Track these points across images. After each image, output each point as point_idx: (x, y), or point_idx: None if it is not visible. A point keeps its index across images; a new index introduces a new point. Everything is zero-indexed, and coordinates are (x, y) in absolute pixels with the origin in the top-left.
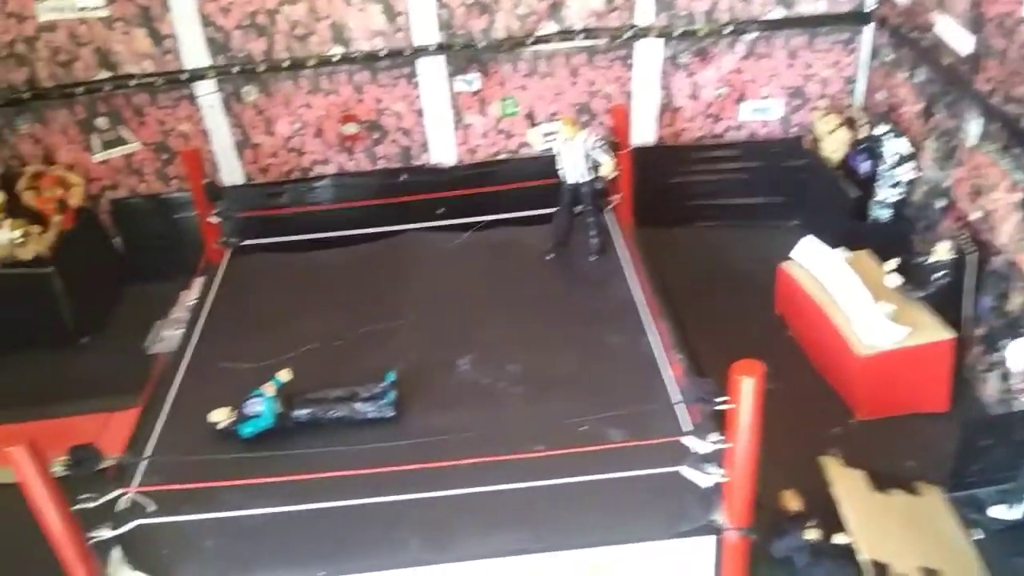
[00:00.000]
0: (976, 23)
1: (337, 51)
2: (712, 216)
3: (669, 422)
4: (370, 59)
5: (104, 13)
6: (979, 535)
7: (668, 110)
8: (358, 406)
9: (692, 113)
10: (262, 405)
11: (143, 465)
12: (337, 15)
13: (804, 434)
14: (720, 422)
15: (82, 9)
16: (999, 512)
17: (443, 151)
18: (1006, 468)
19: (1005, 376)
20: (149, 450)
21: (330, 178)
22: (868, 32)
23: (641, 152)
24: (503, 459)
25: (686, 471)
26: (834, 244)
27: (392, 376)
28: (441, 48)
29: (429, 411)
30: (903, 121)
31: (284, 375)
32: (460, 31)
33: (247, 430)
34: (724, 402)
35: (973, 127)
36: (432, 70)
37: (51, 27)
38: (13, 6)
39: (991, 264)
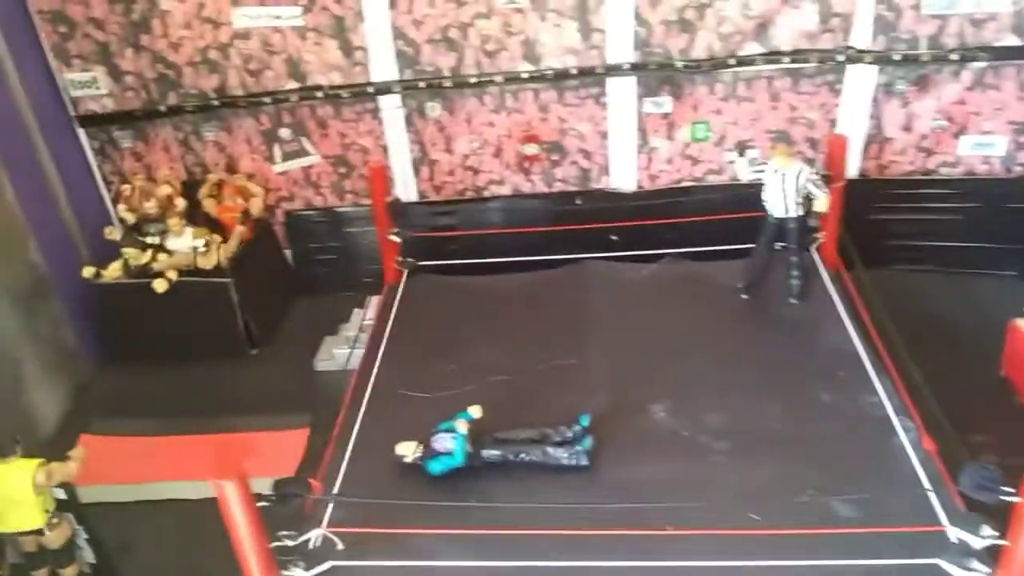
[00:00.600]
0: None
1: (527, 68)
2: (915, 259)
3: (908, 503)
4: (560, 77)
5: (299, 22)
6: None
7: (875, 141)
8: (551, 450)
9: (903, 145)
10: (453, 443)
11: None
12: (531, 31)
13: None
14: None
15: (278, 17)
16: None
17: (624, 175)
18: None
19: None
20: (338, 482)
21: (503, 199)
22: None
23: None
24: (719, 533)
25: (947, 565)
26: None
27: (586, 420)
28: (635, 67)
29: (624, 462)
30: None
31: (475, 411)
32: (657, 49)
33: (436, 467)
34: (1012, 495)
35: None
36: (622, 90)
37: (245, 35)
38: (210, 11)
39: None
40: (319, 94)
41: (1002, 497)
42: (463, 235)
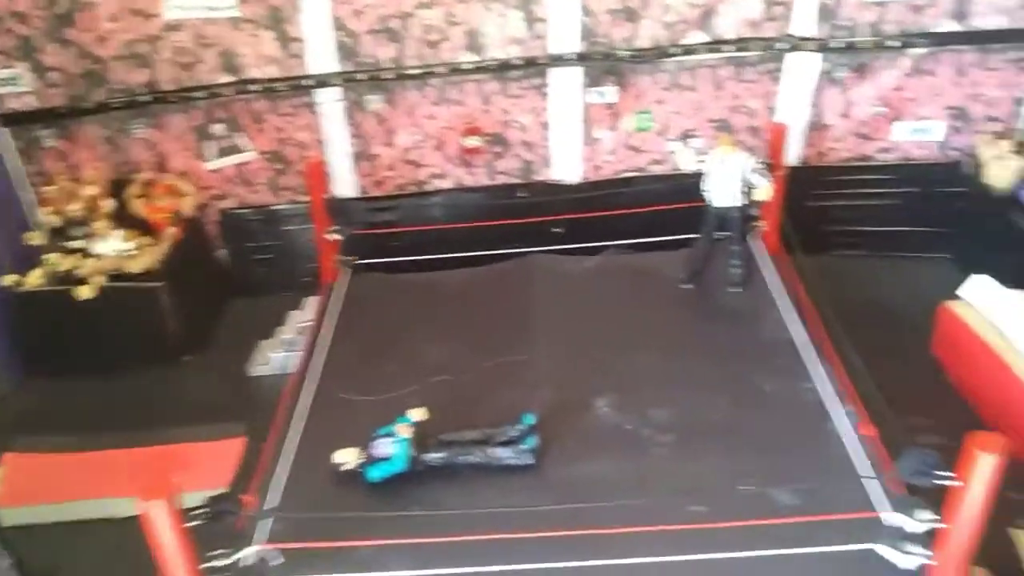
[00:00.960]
0: None
1: (470, 59)
2: (855, 244)
3: (847, 489)
4: (504, 68)
5: (234, 13)
6: None
7: (815, 129)
8: (495, 451)
9: (842, 132)
10: (394, 447)
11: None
12: (474, 21)
13: None
14: (925, 497)
15: (212, 8)
16: None
17: (567, 167)
18: None
19: None
20: (276, 494)
21: (445, 193)
22: None
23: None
24: (664, 529)
25: (885, 550)
26: (1001, 281)
27: (531, 419)
28: (580, 57)
29: (569, 460)
30: None
31: (419, 414)
32: (601, 39)
33: (376, 474)
34: (949, 478)
35: None
36: (566, 81)
37: (177, 27)
38: (140, 2)
39: None
40: (254, 88)
41: (939, 481)
42: (405, 231)
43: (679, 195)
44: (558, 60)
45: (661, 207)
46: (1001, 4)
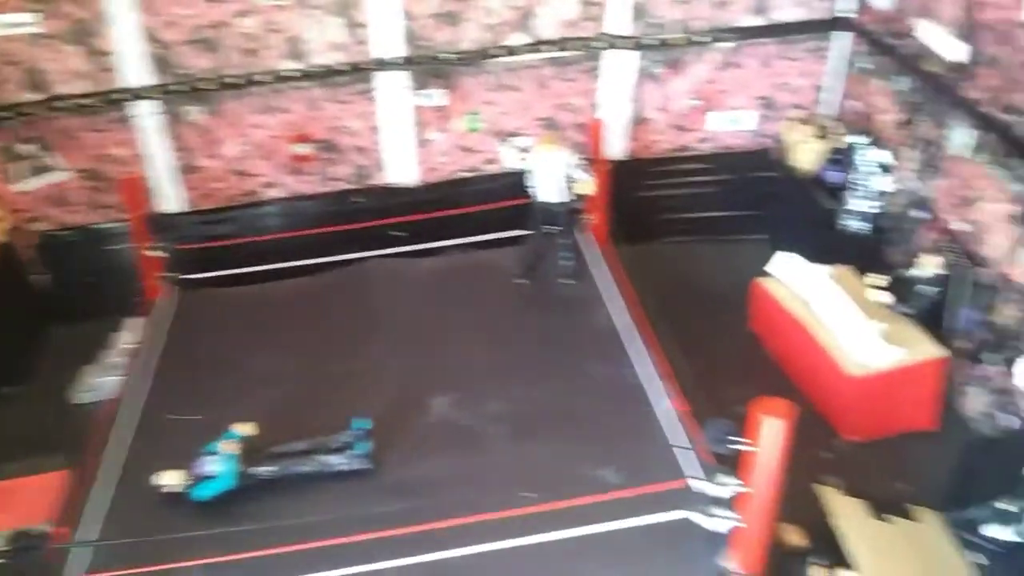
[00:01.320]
0: (968, 30)
1: (293, 66)
2: (682, 231)
3: (667, 463)
4: (328, 74)
5: (37, 29)
6: (978, 559)
7: (637, 123)
8: (328, 459)
9: (662, 125)
10: (220, 464)
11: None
12: (294, 28)
13: (793, 459)
14: (735, 464)
15: (12, 25)
16: (996, 533)
17: (402, 170)
18: (1002, 487)
19: (993, 391)
20: (95, 522)
21: (279, 202)
22: (841, 39)
23: (612, 167)
24: (496, 516)
25: (694, 516)
26: (807, 257)
27: (364, 423)
28: (406, 61)
29: (406, 461)
30: (880, 130)
31: (246, 429)
32: (425, 43)
33: (204, 493)
34: (744, 443)
35: (959, 136)
36: (393, 85)
37: None
38: None
39: (978, 276)
40: (63, 104)
41: (736, 447)
42: (238, 243)
43: (514, 192)
44: (383, 64)
45: (495, 205)
46: None
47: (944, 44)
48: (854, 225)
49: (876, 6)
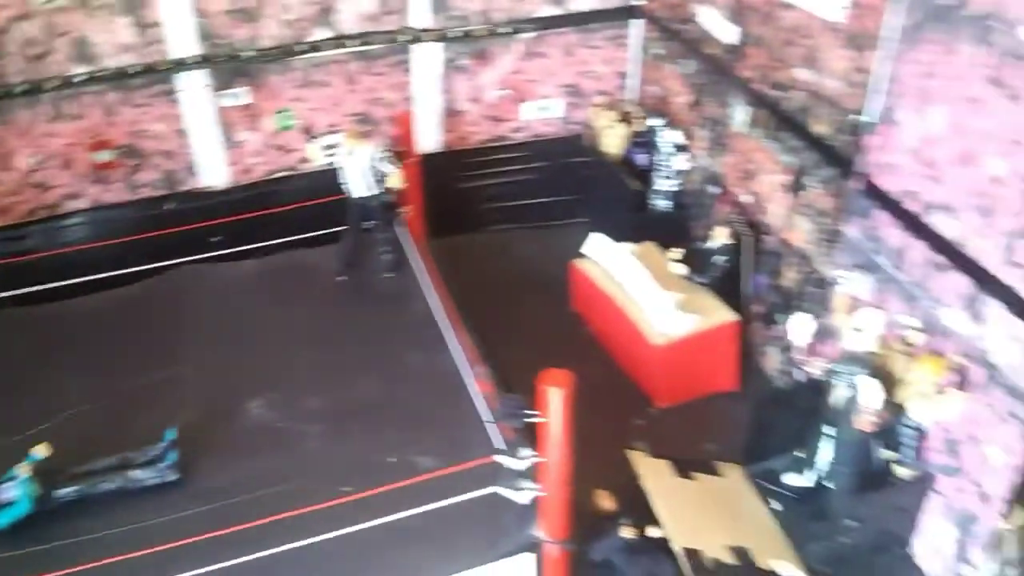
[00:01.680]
0: (738, 12)
1: (82, 70)
2: (504, 219)
3: (482, 443)
4: (120, 77)
5: None
6: (778, 506)
7: (451, 115)
8: (134, 474)
9: (475, 117)
10: (16, 489)
11: None
12: (79, 30)
13: (611, 430)
14: (532, 436)
15: None
16: (792, 480)
17: (213, 173)
18: (795, 438)
19: (784, 349)
20: None
21: (84, 213)
22: (637, 27)
23: (428, 159)
24: (305, 511)
25: (502, 490)
26: (620, 237)
27: (172, 434)
28: (204, 60)
29: (217, 467)
30: (675, 112)
31: (40, 450)
32: (222, 41)
33: (1, 521)
34: (534, 416)
35: (739, 114)
36: (194, 85)
37: None
38: None
39: (764, 244)
40: None
41: (528, 420)
42: (40, 258)
43: (330, 190)
44: (181, 65)
45: (311, 202)
46: None
47: (720, 27)
48: (660, 204)
49: None
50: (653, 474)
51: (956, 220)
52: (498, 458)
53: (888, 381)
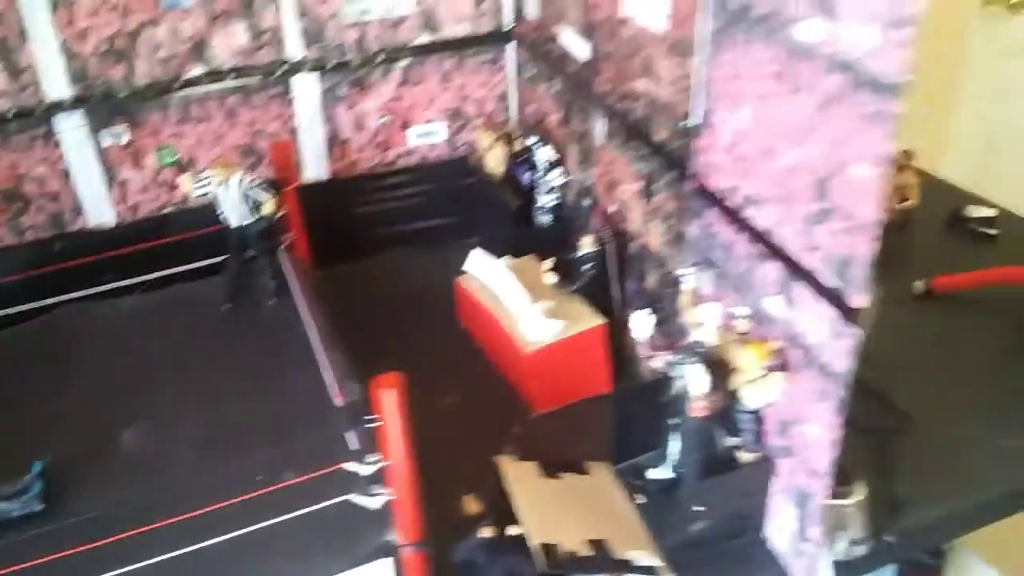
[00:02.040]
0: (589, 29)
1: None
2: (394, 243)
3: (343, 454)
4: None
5: None
6: (643, 499)
7: (337, 143)
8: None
9: (360, 144)
10: None
11: None
12: None
13: (489, 439)
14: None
15: None
16: (655, 474)
17: (100, 212)
18: (655, 432)
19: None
20: None
21: None
22: (511, 50)
23: (315, 188)
24: (152, 528)
25: (355, 497)
26: (504, 253)
27: (38, 466)
28: (78, 102)
29: (84, 494)
30: (550, 130)
31: None
32: (97, 81)
33: None
34: (374, 421)
35: (599, 127)
36: (71, 126)
37: None
38: None
39: (629, 249)
40: None
41: (368, 425)
42: None
43: (216, 221)
44: (58, 107)
45: (197, 233)
46: (461, 13)
47: (576, 45)
48: (543, 219)
49: (528, 16)
50: (518, 476)
51: (765, 211)
52: (347, 465)
53: (725, 369)
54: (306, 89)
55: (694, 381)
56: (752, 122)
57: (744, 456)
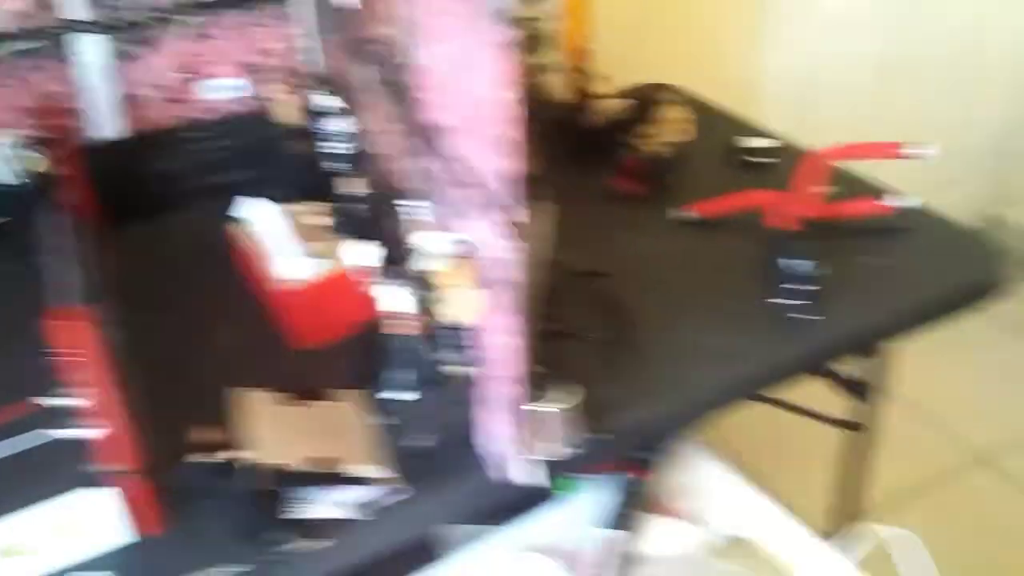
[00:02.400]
0: None
1: None
2: (193, 200)
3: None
4: None
5: None
6: (383, 420)
7: (132, 102)
8: None
9: (157, 101)
10: None
11: None
12: None
13: (245, 373)
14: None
15: None
16: (391, 395)
17: None
18: (402, 360)
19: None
20: None
21: None
22: (302, 4)
23: (111, 147)
24: None
25: (57, 432)
26: (290, 201)
27: None
28: None
29: None
30: (339, 80)
31: None
32: None
33: None
34: (59, 354)
35: (368, 74)
36: None
37: None
38: None
39: (391, 192)
40: None
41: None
42: None
43: None
44: None
45: None
46: None
47: None
48: (336, 166)
49: None
50: (256, 405)
51: (459, 140)
52: (41, 400)
53: (434, 291)
54: (92, 50)
55: (398, 301)
56: (443, 57)
57: (452, 370)
